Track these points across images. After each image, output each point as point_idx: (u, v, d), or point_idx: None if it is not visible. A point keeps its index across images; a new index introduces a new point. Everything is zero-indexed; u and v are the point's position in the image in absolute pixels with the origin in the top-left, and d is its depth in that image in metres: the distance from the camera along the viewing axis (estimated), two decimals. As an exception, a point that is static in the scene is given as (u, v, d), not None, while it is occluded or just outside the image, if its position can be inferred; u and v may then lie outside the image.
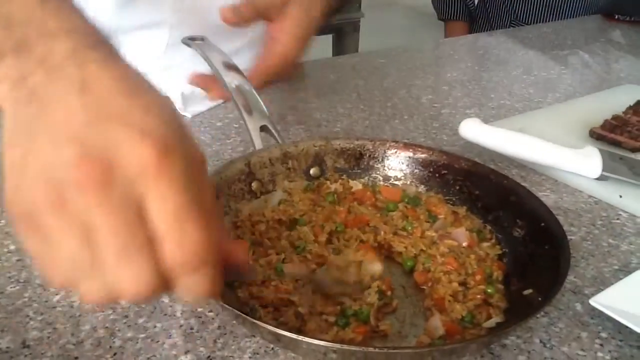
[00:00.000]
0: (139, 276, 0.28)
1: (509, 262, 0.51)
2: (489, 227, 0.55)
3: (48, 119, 0.29)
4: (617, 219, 0.61)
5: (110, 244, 0.27)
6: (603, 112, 0.81)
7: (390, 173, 0.61)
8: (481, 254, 0.51)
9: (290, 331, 0.37)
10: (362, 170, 0.61)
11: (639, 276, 0.49)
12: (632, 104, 0.82)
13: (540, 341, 0.44)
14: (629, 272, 0.51)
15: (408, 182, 0.60)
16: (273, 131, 0.59)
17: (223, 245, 0.31)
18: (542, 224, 0.50)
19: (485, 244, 0.52)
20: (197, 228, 0.28)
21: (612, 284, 0.48)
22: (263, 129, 0.59)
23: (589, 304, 0.45)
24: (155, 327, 0.44)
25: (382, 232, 0.53)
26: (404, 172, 0.61)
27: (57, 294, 0.47)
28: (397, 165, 0.61)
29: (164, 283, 0.29)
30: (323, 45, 2.21)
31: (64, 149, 0.27)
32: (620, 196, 0.63)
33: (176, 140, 0.29)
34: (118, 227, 0.27)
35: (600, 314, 0.46)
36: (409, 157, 0.60)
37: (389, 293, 0.47)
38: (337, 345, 0.36)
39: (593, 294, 0.47)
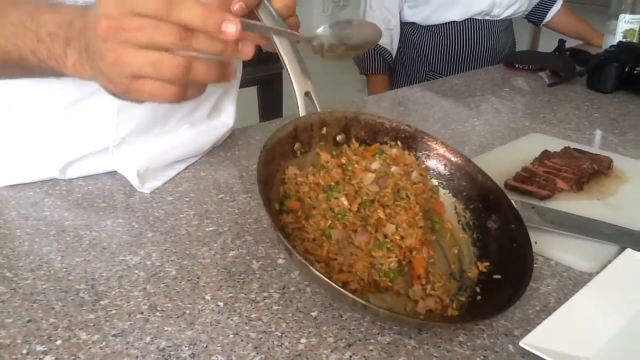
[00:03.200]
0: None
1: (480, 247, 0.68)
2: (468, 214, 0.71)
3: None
4: (535, 263, 0.70)
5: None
6: (515, 163, 0.92)
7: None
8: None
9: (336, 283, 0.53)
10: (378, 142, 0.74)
11: (558, 316, 0.58)
12: (537, 156, 0.93)
13: (483, 382, 0.52)
14: (549, 311, 0.60)
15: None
16: (314, 98, 0.67)
17: None
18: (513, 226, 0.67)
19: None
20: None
21: (536, 323, 0.57)
22: (307, 94, 0.67)
23: (519, 345, 0.54)
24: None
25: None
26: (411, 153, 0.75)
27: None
28: (404, 145, 0.74)
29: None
30: (249, 95, 2.27)
31: None
32: (535, 242, 0.73)
33: None
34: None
35: (530, 353, 0.54)
36: (415, 138, 0.74)
37: (404, 262, 0.62)
38: (338, 289, 0.52)
39: (522, 334, 0.55)
